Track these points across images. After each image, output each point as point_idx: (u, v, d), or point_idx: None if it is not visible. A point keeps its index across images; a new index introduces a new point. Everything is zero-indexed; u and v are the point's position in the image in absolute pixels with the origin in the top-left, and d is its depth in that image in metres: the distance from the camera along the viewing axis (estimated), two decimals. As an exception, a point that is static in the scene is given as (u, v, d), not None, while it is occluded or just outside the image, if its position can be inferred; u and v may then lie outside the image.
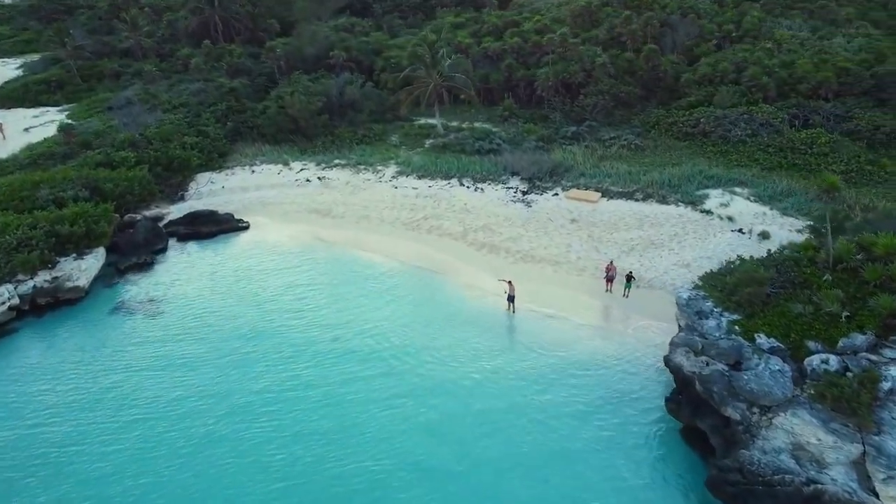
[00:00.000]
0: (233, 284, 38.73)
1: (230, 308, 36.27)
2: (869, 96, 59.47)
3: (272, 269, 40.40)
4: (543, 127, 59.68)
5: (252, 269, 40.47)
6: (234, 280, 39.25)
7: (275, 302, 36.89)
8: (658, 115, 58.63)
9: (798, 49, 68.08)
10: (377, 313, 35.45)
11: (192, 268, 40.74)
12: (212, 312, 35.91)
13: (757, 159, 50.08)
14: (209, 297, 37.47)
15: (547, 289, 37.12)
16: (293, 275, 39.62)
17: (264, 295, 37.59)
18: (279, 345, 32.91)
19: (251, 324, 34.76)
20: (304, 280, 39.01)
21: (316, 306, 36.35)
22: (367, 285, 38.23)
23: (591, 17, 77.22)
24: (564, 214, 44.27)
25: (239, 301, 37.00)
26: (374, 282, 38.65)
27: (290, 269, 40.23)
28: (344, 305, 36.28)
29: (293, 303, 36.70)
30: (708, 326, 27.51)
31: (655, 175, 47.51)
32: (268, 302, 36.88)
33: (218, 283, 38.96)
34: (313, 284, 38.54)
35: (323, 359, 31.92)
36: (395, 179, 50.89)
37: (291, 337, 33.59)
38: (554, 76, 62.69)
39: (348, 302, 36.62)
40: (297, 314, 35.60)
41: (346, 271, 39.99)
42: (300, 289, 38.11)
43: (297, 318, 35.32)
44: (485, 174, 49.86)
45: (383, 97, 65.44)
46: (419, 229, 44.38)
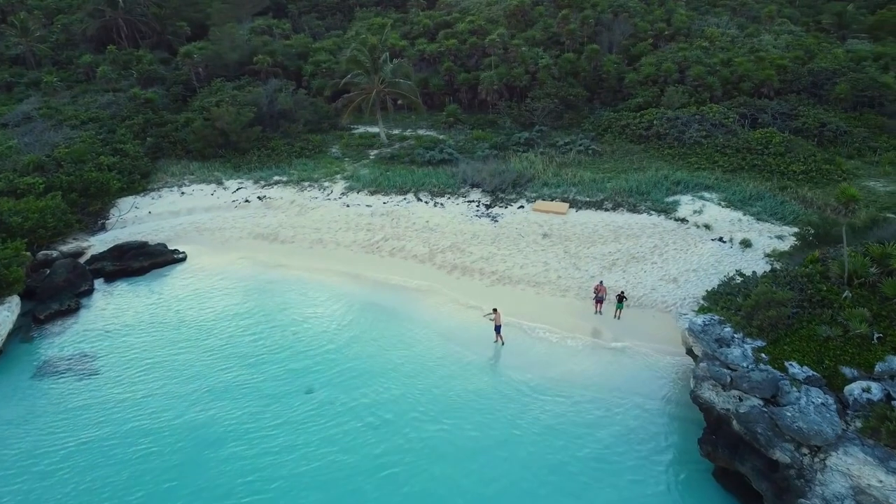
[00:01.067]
0: (177, 330, 33.67)
1: (178, 360, 31.28)
2: (807, 93, 60.16)
3: (221, 309, 35.53)
4: (492, 133, 57.01)
5: (197, 309, 35.47)
6: (177, 324, 34.18)
7: (230, 348, 32.15)
8: (609, 117, 57.07)
9: (731, 47, 68.55)
10: (347, 359, 31.17)
11: (126, 313, 35.27)
12: (157, 367, 30.81)
13: (716, 161, 49.13)
14: (152, 348, 32.28)
15: (531, 313, 34.19)
16: (245, 314, 34.90)
17: (216, 341, 32.76)
18: (242, 403, 28.32)
19: (205, 377, 29.95)
20: (258, 320, 34.38)
21: (277, 350, 31.88)
22: (331, 325, 33.99)
23: (525, 17, 75.27)
24: (535, 229, 41.61)
25: (188, 349, 32.08)
26: (338, 320, 34.45)
27: (240, 308, 35.49)
28: (309, 350, 31.95)
29: (250, 348, 32.08)
30: (733, 356, 25.30)
31: (621, 182, 45.65)
32: (221, 349, 32.10)
33: (160, 329, 33.78)
34: (270, 325, 33.93)
35: (295, 416, 27.63)
36: (345, 196, 46.80)
37: (255, 391, 29.07)
38: (498, 79, 60.11)
39: (313, 345, 32.35)
40: (256, 363, 31.00)
41: (304, 308, 35.59)
42: (256, 330, 33.49)
43: (258, 367, 30.72)
44: (442, 187, 46.58)
45: (318, 105, 60.94)
46: (380, 252, 40.61)
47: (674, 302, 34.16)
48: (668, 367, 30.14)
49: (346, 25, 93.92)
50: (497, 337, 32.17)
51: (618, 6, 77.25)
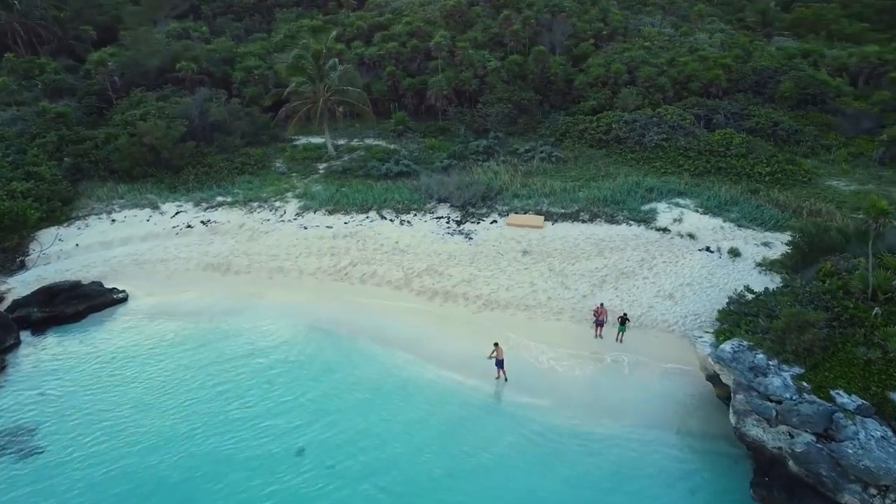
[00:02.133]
0: (129, 389, 28.79)
1: (136, 427, 26.54)
2: (752, 92, 60.53)
3: (177, 358, 30.81)
4: (445, 141, 54.15)
5: (149, 361, 30.63)
6: (128, 381, 29.29)
7: (194, 406, 27.65)
8: (566, 122, 55.34)
9: (671, 46, 68.45)
10: (336, 410, 27.57)
11: (65, 370, 30.05)
12: (112, 436, 26.04)
13: (682, 165, 48.20)
14: (102, 412, 27.30)
15: (528, 341, 31.62)
16: (207, 364, 30.35)
17: (177, 399, 28.17)
18: (220, 476, 24.16)
19: (171, 446, 25.45)
20: (223, 369, 29.88)
21: (252, 404, 27.74)
22: (310, 369, 30.18)
23: (462, 18, 72.77)
24: (513, 246, 39.09)
25: (145, 412, 27.37)
26: (316, 364, 30.65)
27: (200, 356, 30.94)
28: (289, 402, 28.04)
29: (219, 404, 27.62)
30: (773, 387, 23.50)
31: (593, 191, 43.83)
32: (185, 409, 27.58)
33: (108, 389, 28.83)
34: (238, 374, 29.62)
35: (288, 486, 23.89)
36: (300, 217, 42.77)
37: (232, 459, 24.99)
38: (447, 84, 57.28)
39: (294, 395, 28.49)
40: (230, 422, 26.75)
41: (275, 352, 31.53)
42: (222, 382, 29.08)
43: (233, 428, 26.45)
44: (407, 204, 43.33)
45: (254, 116, 56.24)
46: (350, 279, 37.01)
47: (675, 321, 32.42)
48: (688, 394, 28.17)
49: (265, 27, 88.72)
50: (499, 372, 29.38)
51: (553, 6, 76.04)
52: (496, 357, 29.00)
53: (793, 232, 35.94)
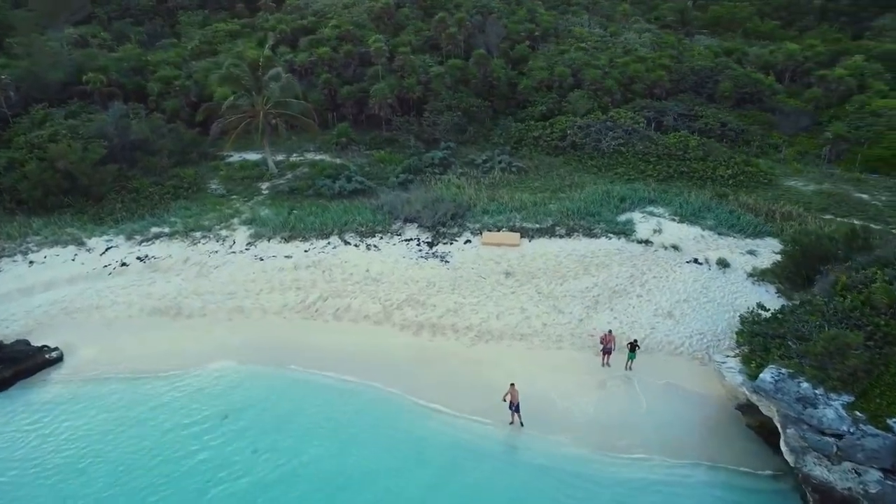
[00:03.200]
0: (80, 480, 23.93)
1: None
2: (693, 92, 60.68)
3: (136, 435, 25.97)
4: (393, 153, 50.85)
5: (101, 441, 25.54)
6: (78, 470, 24.40)
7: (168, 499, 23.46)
8: (519, 129, 53.27)
9: (606, 47, 67.96)
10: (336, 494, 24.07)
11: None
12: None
13: (644, 171, 47.18)
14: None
15: (533, 374, 29.05)
16: (173, 441, 25.78)
17: (140, 487, 23.79)
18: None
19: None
20: (196, 447, 25.43)
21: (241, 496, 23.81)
22: (292, 434, 26.19)
23: (391, 20, 69.51)
24: (494, 267, 36.49)
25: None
26: (296, 426, 26.80)
27: (163, 430, 26.36)
28: (288, 485, 24.25)
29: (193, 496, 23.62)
30: (827, 419, 22.02)
31: (564, 203, 41.92)
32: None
33: (53, 481, 23.86)
34: (215, 450, 25.34)
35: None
36: (253, 247, 38.44)
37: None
38: (390, 92, 53.94)
39: (289, 475, 24.66)
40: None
41: (252, 414, 27.45)
42: (200, 466, 24.88)
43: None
44: (371, 226, 39.83)
45: (180, 132, 50.82)
46: (322, 316, 33.24)
47: (680, 342, 30.77)
48: (715, 423, 26.44)
49: (169, 32, 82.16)
50: (513, 417, 26.66)
51: (482, 6, 74.18)
52: (510, 400, 26.26)
53: (784, 240, 35.26)
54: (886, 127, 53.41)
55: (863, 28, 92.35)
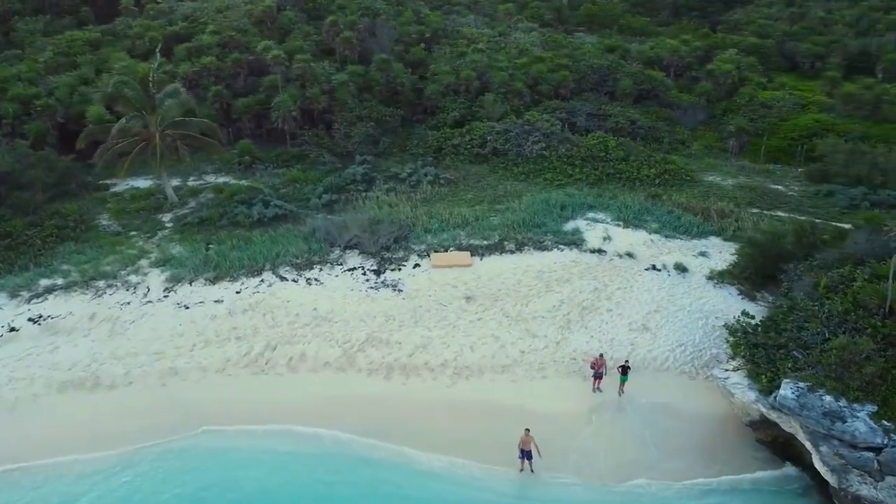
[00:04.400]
0: None
1: None
2: (595, 91, 61.00)
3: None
4: (305, 170, 46.54)
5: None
6: None
7: None
8: (436, 137, 50.63)
9: (499, 48, 67.06)
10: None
11: None
12: None
13: (572, 175, 46.32)
14: None
15: (526, 412, 26.79)
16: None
17: None
18: None
19: None
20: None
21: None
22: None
23: (274, 24, 64.57)
24: (452, 292, 33.83)
25: None
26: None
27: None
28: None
29: None
30: (860, 433, 21.48)
31: (506, 216, 40.00)
32: None
33: None
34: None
35: None
36: (173, 293, 33.20)
37: None
38: (293, 103, 49.45)
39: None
40: None
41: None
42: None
43: None
44: (307, 257, 35.74)
45: (52, 160, 43.46)
46: (274, 368, 29.07)
47: (664, 356, 29.76)
48: (726, 441, 25.53)
49: (2, 42, 71.64)
50: (523, 464, 24.29)
51: (366, 8, 70.91)
52: (522, 447, 23.90)
53: (727, 239, 35.44)
54: (778, 118, 56.36)
55: (714, 22, 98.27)
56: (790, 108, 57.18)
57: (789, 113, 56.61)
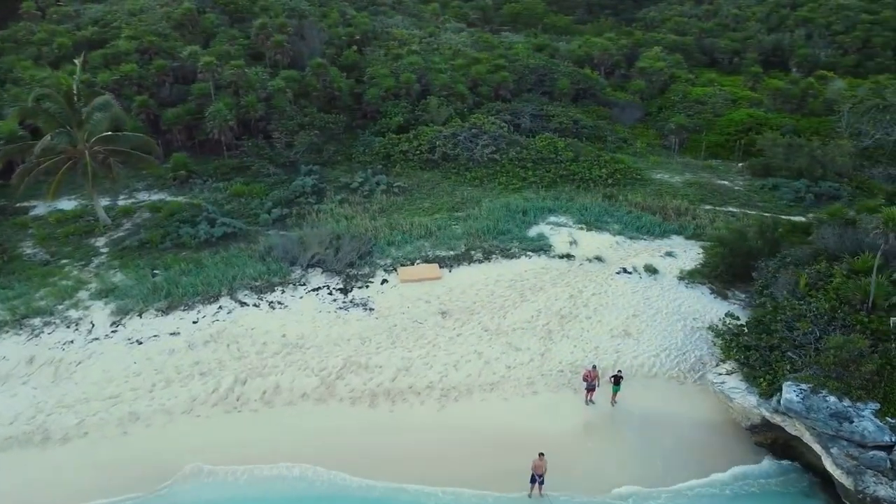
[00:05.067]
0: None
1: None
2: (534, 92, 60.73)
3: None
4: (248, 183, 43.75)
5: None
6: None
7: None
8: (382, 144, 48.79)
9: (432, 49, 65.90)
10: None
11: None
12: None
13: (526, 178, 45.69)
14: None
15: (519, 432, 25.75)
16: None
17: None
18: None
19: None
20: None
21: None
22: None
23: (197, 27, 60.93)
24: (425, 308, 32.38)
25: None
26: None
27: None
28: None
29: None
30: (868, 432, 21.59)
31: (470, 223, 38.88)
32: None
33: None
34: None
35: None
36: (122, 327, 30.11)
37: None
38: (229, 112, 46.44)
39: None
40: None
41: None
42: None
43: None
44: (266, 278, 33.32)
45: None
46: (247, 405, 26.71)
47: (650, 362, 29.41)
48: (725, 445, 25.30)
49: None
50: (533, 489, 23.22)
51: (291, 9, 68.22)
52: (535, 471, 22.82)
53: (703, 240, 35.59)
54: (712, 114, 57.74)
55: (627, 20, 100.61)
56: (722, 104, 58.69)
57: (722, 108, 58.07)
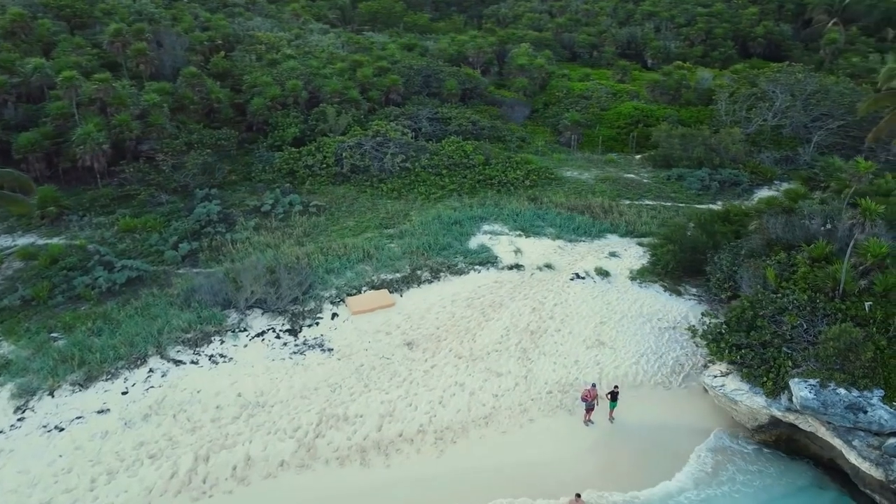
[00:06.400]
0: None
1: None
2: (421, 94, 58.86)
3: None
4: (136, 216, 37.86)
5: None
6: None
7: None
8: (283, 159, 44.47)
9: (301, 52, 61.99)
10: None
11: None
12: None
13: (444, 186, 43.78)
14: None
15: (524, 468, 24.00)
16: None
17: None
18: None
19: None
20: None
21: None
22: None
23: (30, 35, 52.61)
24: (388, 340, 29.49)
25: None
26: None
27: None
28: None
29: None
30: (885, 420, 22.03)
31: (407, 240, 36.27)
32: None
33: None
34: None
35: None
36: (31, 412, 24.28)
37: None
38: (99, 133, 39.97)
39: None
40: None
41: None
42: None
43: None
44: (198, 328, 28.57)
45: None
46: (217, 487, 22.42)
47: (633, 371, 28.71)
48: (736, 446, 25.08)
49: None
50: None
51: (136, 13, 61.40)
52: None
53: (657, 238, 35.61)
54: (598, 108, 59.02)
55: (475, 16, 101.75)
56: (606, 98, 60.20)
57: (607, 102, 59.56)
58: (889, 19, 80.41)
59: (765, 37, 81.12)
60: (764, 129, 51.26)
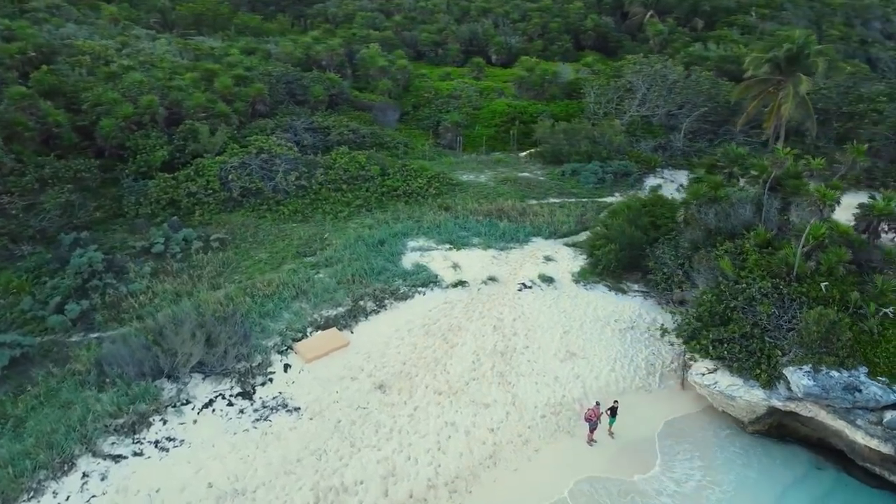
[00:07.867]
0: None
1: None
2: (287, 103, 54.53)
3: None
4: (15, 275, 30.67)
5: None
6: None
7: None
8: (160, 188, 38.32)
9: (137, 61, 54.84)
10: None
11: None
12: None
13: (350, 202, 40.70)
14: None
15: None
16: None
17: None
18: None
19: None
20: None
21: None
22: None
23: None
24: (356, 387, 26.28)
25: None
26: None
27: None
28: None
29: None
30: (879, 395, 23.18)
31: (336, 268, 32.80)
32: None
33: None
34: None
35: None
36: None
37: None
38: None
39: None
40: None
41: None
42: None
43: None
44: (129, 409, 23.30)
45: None
46: None
47: (614, 380, 28.19)
48: (737, 439, 25.30)
49: None
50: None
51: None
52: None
53: (595, 237, 35.19)
54: (470, 107, 58.26)
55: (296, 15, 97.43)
56: (476, 97, 59.65)
57: (478, 101, 59.02)
58: (696, 11, 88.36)
59: (594, 30, 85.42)
60: (635, 120, 53.56)
